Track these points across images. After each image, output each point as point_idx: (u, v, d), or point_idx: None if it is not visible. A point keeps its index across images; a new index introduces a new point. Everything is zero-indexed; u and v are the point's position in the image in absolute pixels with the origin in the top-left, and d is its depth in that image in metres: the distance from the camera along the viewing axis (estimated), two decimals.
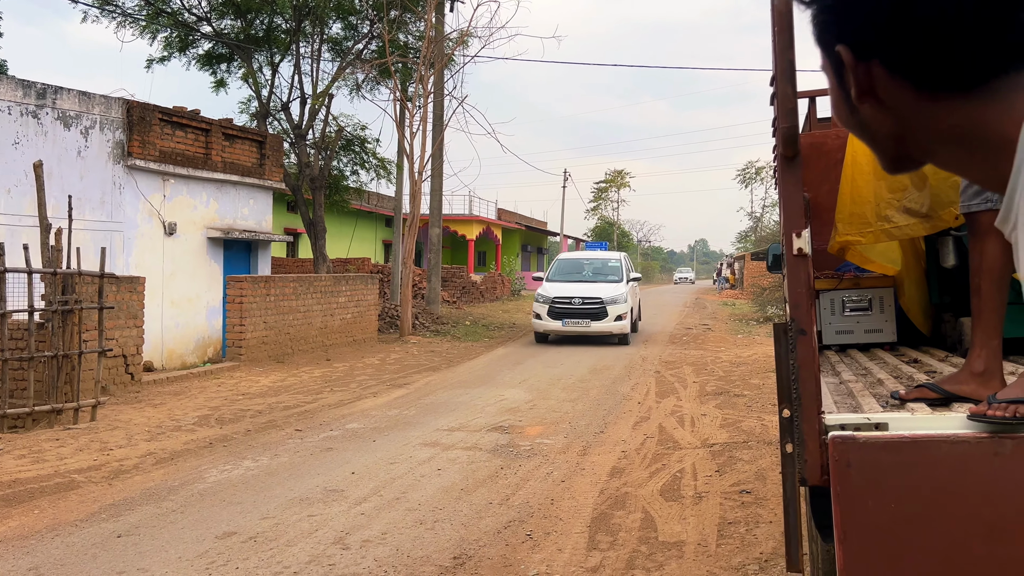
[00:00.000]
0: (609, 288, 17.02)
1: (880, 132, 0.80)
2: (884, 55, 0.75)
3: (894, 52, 0.74)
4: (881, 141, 0.81)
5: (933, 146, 0.77)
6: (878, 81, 0.76)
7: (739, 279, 44.22)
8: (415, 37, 20.17)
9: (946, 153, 0.77)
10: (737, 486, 6.05)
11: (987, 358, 2.44)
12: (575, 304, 16.53)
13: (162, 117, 13.00)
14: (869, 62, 0.76)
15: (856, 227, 3.62)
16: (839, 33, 0.77)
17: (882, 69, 0.75)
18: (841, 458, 2.10)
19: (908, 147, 0.79)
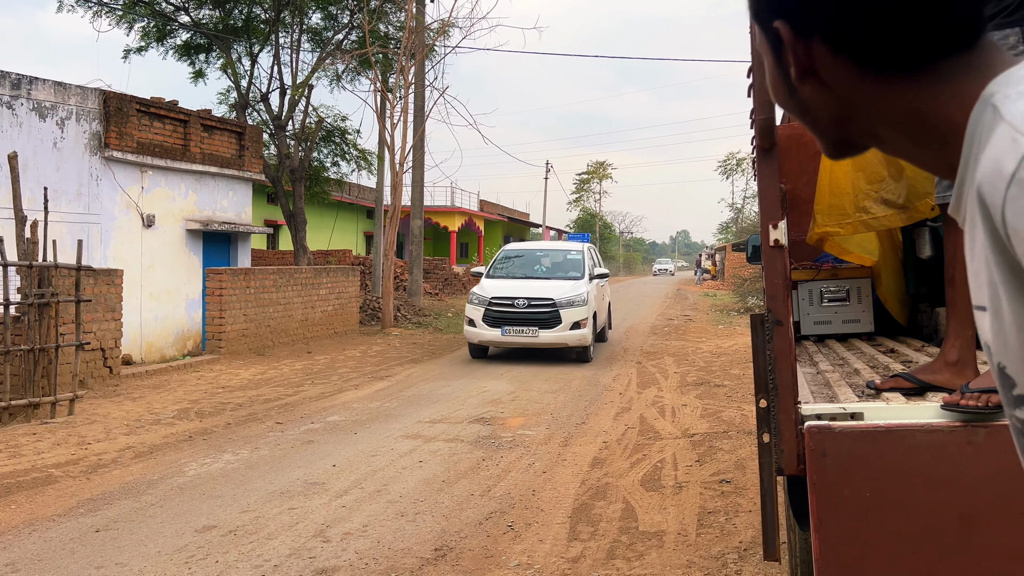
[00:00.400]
0: (565, 287, 13.02)
1: (821, 114, 0.76)
2: (826, 31, 0.71)
3: (836, 28, 0.70)
4: (822, 124, 0.77)
5: (877, 130, 0.74)
6: (819, 59, 0.72)
7: (720, 270, 44.44)
8: (396, 27, 20.07)
9: (891, 138, 0.74)
10: (717, 476, 6.09)
11: (961, 348, 2.47)
12: (518, 307, 12.62)
13: (139, 108, 12.86)
14: (810, 39, 0.72)
15: (834, 218, 3.64)
16: (778, 7, 0.73)
17: (824, 46, 0.72)
18: (817, 447, 2.12)
19: (851, 130, 0.76)
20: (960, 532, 2.08)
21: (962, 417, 2.12)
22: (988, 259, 0.63)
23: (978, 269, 0.66)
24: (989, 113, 0.63)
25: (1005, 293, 0.61)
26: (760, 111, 2.34)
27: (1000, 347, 0.64)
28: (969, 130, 0.66)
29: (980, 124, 0.64)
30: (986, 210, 0.61)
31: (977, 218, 0.64)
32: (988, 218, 0.61)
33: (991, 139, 0.62)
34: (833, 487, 2.12)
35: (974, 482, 2.08)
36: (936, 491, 2.09)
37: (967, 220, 0.67)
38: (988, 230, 0.62)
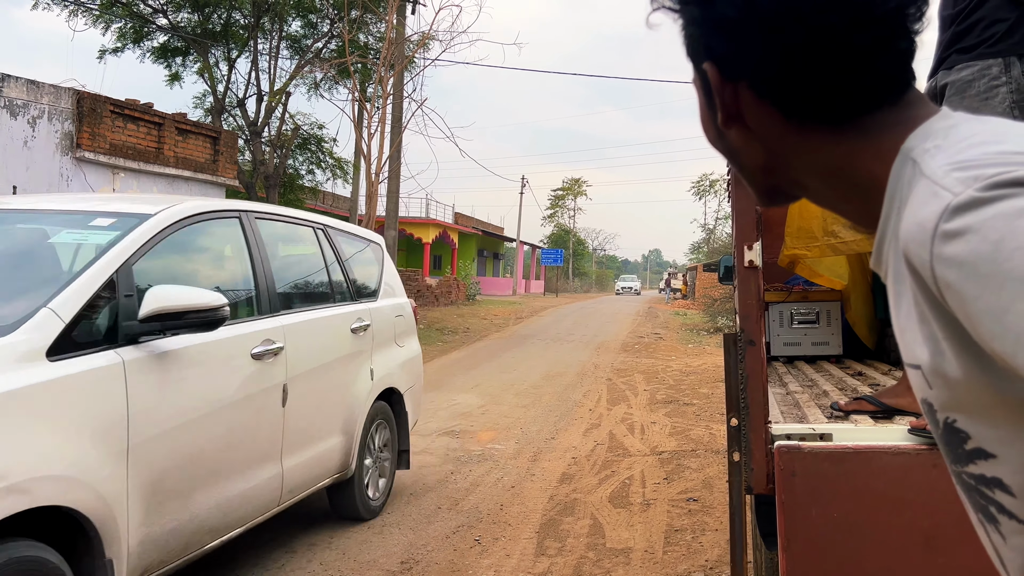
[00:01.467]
0: None
1: (748, 161, 0.75)
2: (752, 78, 0.70)
3: (762, 75, 0.69)
4: (749, 170, 0.76)
5: (803, 179, 0.73)
6: (746, 105, 0.71)
7: (691, 289, 44.81)
8: (376, 38, 20.11)
9: (817, 188, 0.73)
10: (684, 494, 6.12)
11: None
12: None
13: (113, 109, 12.75)
14: (737, 83, 0.71)
15: (804, 241, 3.69)
16: (707, 49, 0.72)
17: (750, 93, 0.70)
18: (786, 467, 2.15)
19: (777, 179, 0.75)
20: (925, 553, 2.11)
21: (928, 440, 2.16)
22: (924, 315, 0.61)
23: (906, 325, 0.65)
24: (909, 168, 0.63)
25: (950, 348, 0.60)
26: None
27: (947, 402, 0.63)
28: (890, 185, 0.65)
29: (901, 179, 0.64)
30: (914, 268, 0.60)
31: (904, 275, 0.63)
32: (917, 275, 0.60)
33: (912, 195, 0.61)
34: (801, 507, 2.15)
35: (939, 504, 2.11)
36: (902, 512, 2.12)
37: (890, 275, 0.67)
38: (920, 288, 0.61)
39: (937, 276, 0.57)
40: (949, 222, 0.56)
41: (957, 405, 0.62)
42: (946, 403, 0.63)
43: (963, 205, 0.56)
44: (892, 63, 0.67)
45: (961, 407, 0.62)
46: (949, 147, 0.61)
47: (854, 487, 2.14)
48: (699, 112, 0.78)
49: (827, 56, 0.66)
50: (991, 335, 0.54)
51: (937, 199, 0.58)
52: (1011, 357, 0.53)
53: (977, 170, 0.57)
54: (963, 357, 0.59)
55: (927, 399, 0.65)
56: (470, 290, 35.28)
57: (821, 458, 2.16)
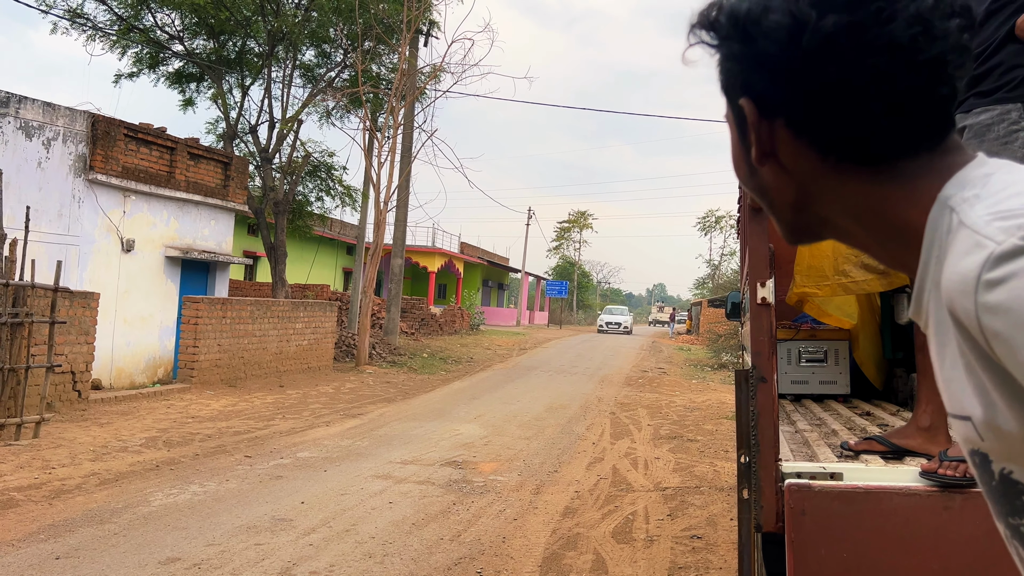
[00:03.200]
0: None
1: (779, 199, 0.74)
2: (789, 115, 0.69)
3: (800, 113, 0.68)
4: (780, 208, 0.75)
5: (835, 220, 0.72)
6: (781, 143, 0.70)
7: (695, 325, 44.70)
8: (388, 69, 20.31)
9: (847, 229, 0.72)
10: (688, 531, 6.07)
11: (932, 413, 2.51)
12: None
13: (127, 133, 12.87)
14: (773, 121, 0.70)
15: (814, 280, 3.70)
16: (744, 85, 0.71)
17: (787, 131, 0.70)
18: (796, 505, 2.14)
19: (808, 218, 0.74)
20: None
21: (939, 483, 2.16)
22: (971, 366, 0.60)
23: (952, 376, 0.63)
24: (947, 216, 0.63)
25: (1001, 399, 0.59)
26: None
27: (1002, 453, 0.61)
28: (927, 233, 0.64)
29: (939, 228, 0.63)
30: (958, 319, 0.59)
31: (947, 326, 0.62)
32: (962, 327, 0.59)
33: (953, 245, 0.61)
34: (811, 545, 2.14)
35: (949, 546, 2.11)
36: (912, 554, 2.12)
37: (931, 326, 0.66)
38: (966, 339, 0.60)
39: (983, 326, 0.56)
40: (992, 271, 0.56)
41: (1014, 456, 0.61)
42: (1002, 454, 0.62)
43: (1007, 254, 0.55)
44: (932, 109, 0.66)
45: (1018, 458, 0.60)
46: (988, 196, 0.61)
47: (864, 527, 2.14)
48: (731, 148, 0.77)
49: (868, 99, 0.66)
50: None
51: (980, 249, 0.57)
52: None
53: (1020, 219, 0.57)
54: (1016, 407, 0.58)
55: (979, 450, 0.64)
56: (474, 320, 35.27)
57: (831, 497, 2.15)
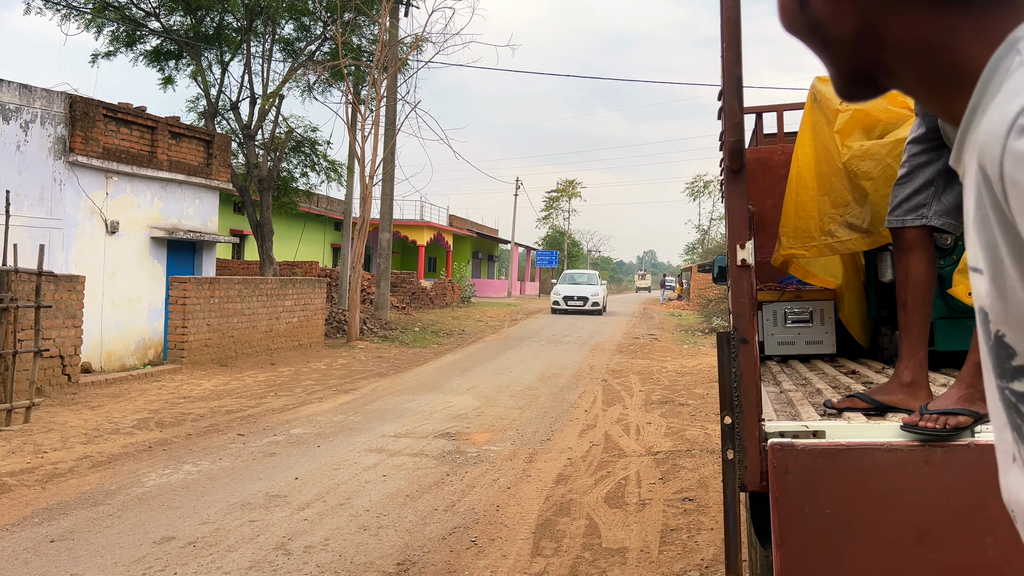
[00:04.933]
0: None
1: (835, 34, 0.66)
2: None
3: None
4: (835, 48, 0.67)
5: (893, 62, 0.64)
6: None
7: (686, 290, 44.85)
8: (369, 40, 20.09)
9: (905, 74, 0.65)
10: (680, 494, 6.13)
11: (914, 369, 2.53)
12: None
13: (106, 113, 12.71)
14: None
15: (800, 241, 3.71)
16: None
17: None
18: (780, 464, 2.16)
19: (865, 59, 0.66)
20: (917, 549, 2.13)
21: (920, 437, 2.18)
22: (986, 219, 0.56)
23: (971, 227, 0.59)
24: (1011, 58, 0.56)
25: (1008, 255, 0.55)
26: (730, 133, 2.39)
27: (1000, 313, 0.58)
28: (985, 75, 0.58)
29: (999, 69, 0.57)
30: (983, 165, 0.55)
31: (974, 170, 0.57)
32: (985, 173, 0.55)
33: (1005, 87, 0.55)
34: (795, 504, 2.16)
35: (931, 500, 2.12)
36: (894, 508, 2.13)
37: (967, 175, 0.61)
38: (986, 188, 0.55)
39: (1005, 173, 0.52)
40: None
41: (1008, 319, 0.57)
42: (998, 315, 0.58)
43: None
44: None
45: (1011, 322, 0.57)
46: None
47: (847, 484, 2.16)
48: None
49: None
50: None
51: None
52: None
53: None
54: (1019, 265, 0.54)
55: (983, 307, 0.60)
56: (465, 292, 35.27)
57: (814, 455, 2.17)
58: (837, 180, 3.51)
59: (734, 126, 2.36)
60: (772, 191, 4.44)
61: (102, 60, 18.20)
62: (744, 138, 2.45)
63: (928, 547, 2.12)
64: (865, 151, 3.39)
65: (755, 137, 5.54)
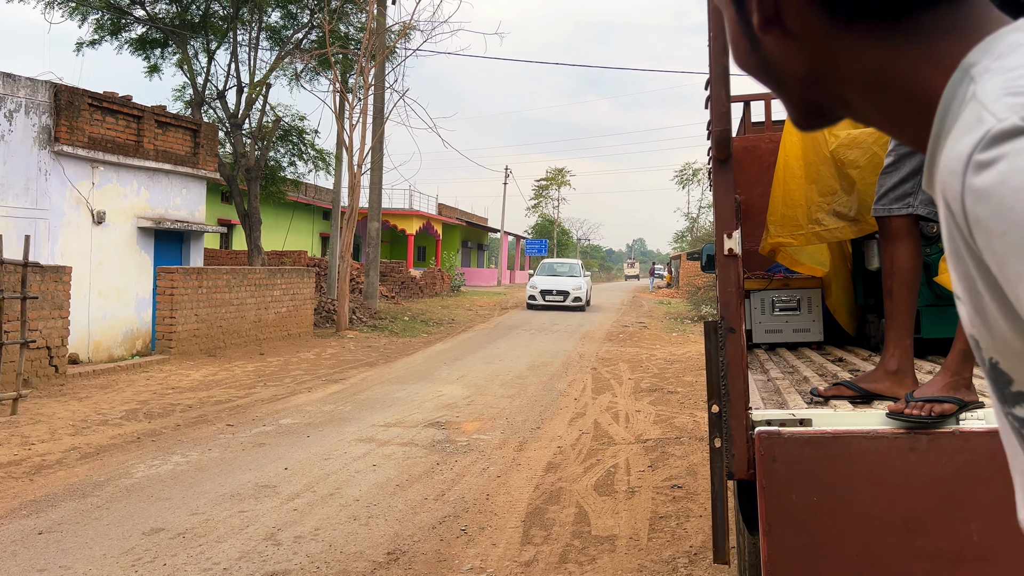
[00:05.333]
0: None
1: (787, 72, 0.66)
2: None
3: None
4: (788, 84, 0.67)
5: (847, 94, 0.64)
6: (786, 5, 0.63)
7: (675, 278, 44.95)
8: (356, 28, 19.96)
9: (862, 104, 0.64)
10: (669, 481, 6.16)
11: (900, 357, 2.54)
12: None
13: (91, 102, 12.60)
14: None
15: (787, 229, 3.72)
16: None
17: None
18: (767, 452, 2.17)
19: (819, 94, 0.66)
20: (902, 536, 2.14)
21: (906, 424, 2.19)
22: (959, 252, 0.55)
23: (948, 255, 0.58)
24: (966, 86, 0.56)
25: (984, 288, 0.54)
26: (717, 122, 2.39)
27: (989, 343, 0.57)
28: (943, 102, 0.57)
29: (955, 97, 0.57)
30: (947, 201, 0.54)
31: (942, 203, 0.56)
32: (949, 209, 0.54)
33: (960, 119, 0.55)
34: (782, 491, 2.17)
35: (916, 487, 2.14)
36: (880, 496, 2.15)
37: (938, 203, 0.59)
38: (953, 225, 0.55)
39: (967, 211, 0.51)
40: (986, 151, 0.50)
41: (996, 347, 0.56)
42: (988, 344, 0.57)
43: (1004, 133, 0.49)
44: None
45: (1000, 350, 0.56)
46: (1014, 68, 0.53)
47: (833, 471, 2.17)
48: (728, 26, 0.70)
49: None
50: (1016, 276, 0.48)
51: (980, 125, 0.51)
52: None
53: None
54: (998, 301, 0.53)
55: (973, 335, 0.59)
56: (455, 281, 35.24)
57: (801, 443, 2.18)
58: (824, 168, 3.52)
59: (721, 115, 2.36)
60: (760, 179, 4.45)
61: (87, 49, 18.03)
62: (731, 128, 2.45)
63: (913, 533, 2.14)
64: (852, 139, 3.40)
65: (743, 125, 5.54)
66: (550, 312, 25.45)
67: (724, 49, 2.35)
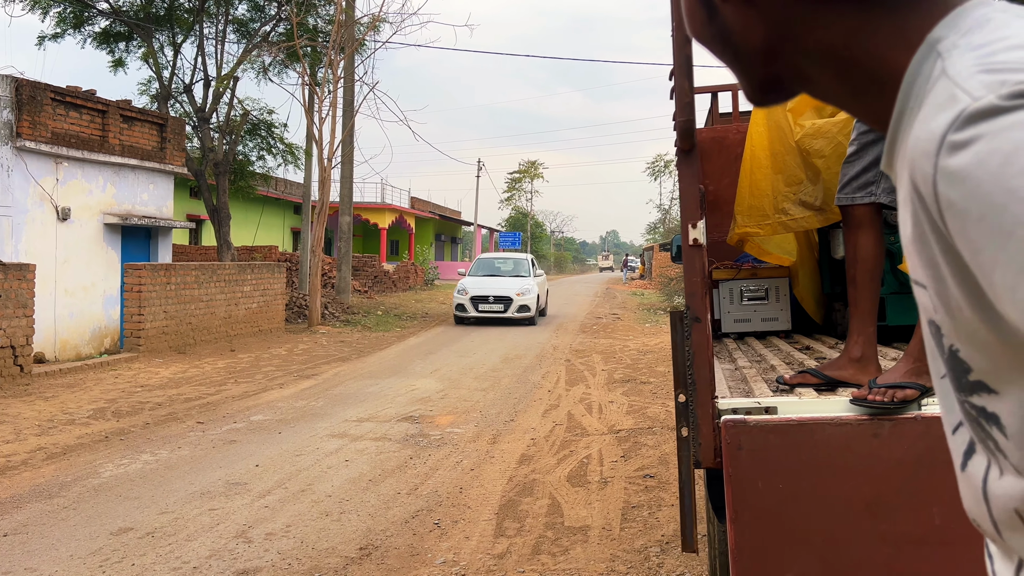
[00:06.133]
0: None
1: (746, 43, 0.63)
2: None
3: None
4: (746, 56, 0.64)
5: (808, 68, 0.62)
6: None
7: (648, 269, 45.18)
8: (325, 21, 19.78)
9: (822, 79, 0.62)
10: (641, 471, 6.19)
11: (863, 344, 2.57)
12: None
13: (54, 97, 12.38)
14: None
15: (755, 219, 3.74)
16: None
17: None
18: (733, 441, 2.18)
19: (778, 67, 0.63)
20: (867, 520, 2.17)
21: (869, 411, 2.21)
22: (924, 237, 0.54)
23: (908, 242, 0.57)
24: (932, 62, 0.54)
25: (950, 274, 0.53)
26: (681, 113, 2.39)
27: (951, 330, 0.56)
28: (907, 78, 0.55)
29: (921, 74, 0.55)
30: (915, 183, 0.53)
31: (906, 184, 0.55)
32: (918, 192, 0.52)
33: (930, 97, 0.53)
34: (748, 479, 2.19)
35: (880, 472, 2.17)
36: (845, 481, 2.17)
37: (899, 184, 0.58)
38: (921, 207, 0.53)
39: (939, 194, 0.50)
40: (961, 131, 0.48)
41: (959, 335, 0.55)
42: (951, 330, 0.56)
43: (980, 112, 0.47)
44: None
45: (962, 338, 0.55)
46: (984, 44, 0.52)
47: (799, 458, 2.19)
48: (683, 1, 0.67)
49: None
50: (992, 263, 0.47)
51: (954, 104, 0.49)
52: (1010, 291, 0.46)
53: (1006, 75, 0.48)
54: (964, 287, 0.52)
55: (933, 320, 0.58)
56: (428, 275, 35.14)
57: (766, 431, 2.19)
58: (790, 158, 3.54)
59: (685, 106, 2.37)
60: (728, 170, 4.47)
61: (49, 43, 17.70)
62: (695, 118, 2.46)
63: (877, 518, 2.17)
64: (817, 129, 3.42)
65: (711, 116, 5.57)
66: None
67: (687, 40, 2.36)
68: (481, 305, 18.68)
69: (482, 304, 18.69)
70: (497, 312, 18.64)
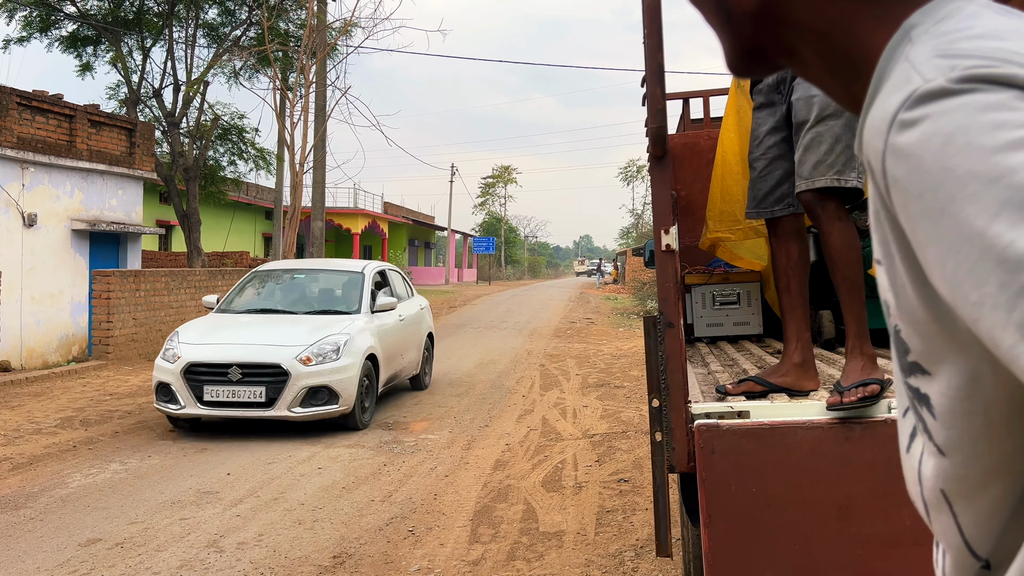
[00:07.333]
0: None
1: (738, 7, 0.64)
2: None
3: None
4: (737, 19, 0.64)
5: (795, 40, 0.63)
6: None
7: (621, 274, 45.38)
8: (296, 25, 19.67)
9: (807, 52, 0.63)
10: (615, 475, 6.21)
11: (802, 349, 2.59)
12: None
13: (20, 101, 12.19)
14: None
15: (726, 224, 3.76)
16: None
17: None
18: (706, 445, 2.19)
19: (766, 36, 0.64)
20: (839, 523, 2.19)
21: (840, 414, 2.24)
22: (878, 214, 0.56)
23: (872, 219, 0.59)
24: (903, 47, 0.55)
25: (896, 251, 0.54)
26: (653, 119, 2.41)
27: (895, 309, 0.58)
28: (881, 63, 0.57)
29: (893, 58, 0.56)
30: (869, 162, 0.54)
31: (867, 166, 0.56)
32: (872, 171, 0.54)
33: (890, 79, 0.54)
34: (721, 483, 2.20)
35: (851, 475, 2.19)
36: (816, 484, 2.19)
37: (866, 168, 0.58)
38: (873, 185, 0.54)
39: (887, 170, 0.51)
40: (910, 110, 0.50)
41: (901, 314, 0.57)
42: (895, 309, 0.58)
43: (929, 93, 0.49)
44: None
45: (904, 317, 0.57)
46: (948, 32, 0.53)
47: (771, 462, 2.21)
48: None
49: None
50: (927, 239, 0.48)
51: (908, 84, 0.51)
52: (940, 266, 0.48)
53: (959, 60, 0.50)
54: (906, 265, 0.54)
55: (886, 300, 0.60)
56: None
57: (739, 435, 2.21)
58: None
59: (657, 113, 2.38)
60: (699, 175, 4.50)
61: (15, 46, 17.44)
62: (667, 125, 2.47)
63: (849, 520, 2.19)
64: None
65: (682, 122, 5.60)
66: (500, 309, 24.91)
67: (659, 47, 2.37)
68: (211, 389, 7.66)
69: (214, 387, 7.67)
70: (249, 406, 7.68)
